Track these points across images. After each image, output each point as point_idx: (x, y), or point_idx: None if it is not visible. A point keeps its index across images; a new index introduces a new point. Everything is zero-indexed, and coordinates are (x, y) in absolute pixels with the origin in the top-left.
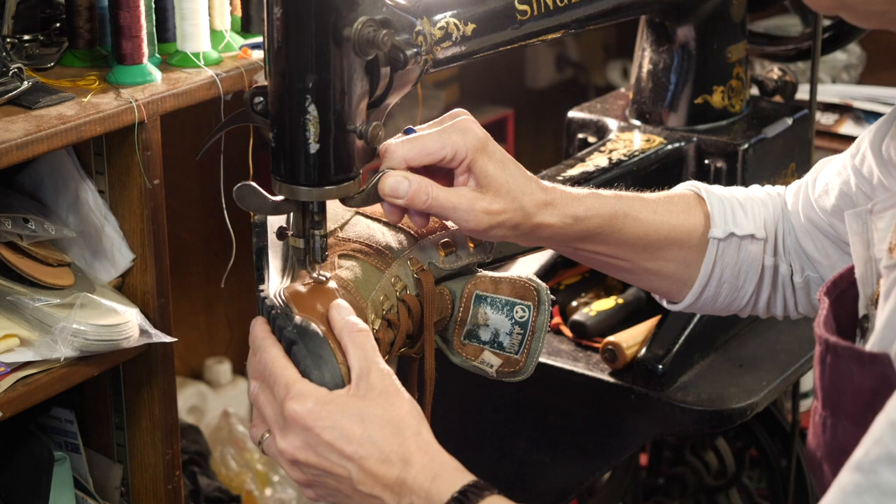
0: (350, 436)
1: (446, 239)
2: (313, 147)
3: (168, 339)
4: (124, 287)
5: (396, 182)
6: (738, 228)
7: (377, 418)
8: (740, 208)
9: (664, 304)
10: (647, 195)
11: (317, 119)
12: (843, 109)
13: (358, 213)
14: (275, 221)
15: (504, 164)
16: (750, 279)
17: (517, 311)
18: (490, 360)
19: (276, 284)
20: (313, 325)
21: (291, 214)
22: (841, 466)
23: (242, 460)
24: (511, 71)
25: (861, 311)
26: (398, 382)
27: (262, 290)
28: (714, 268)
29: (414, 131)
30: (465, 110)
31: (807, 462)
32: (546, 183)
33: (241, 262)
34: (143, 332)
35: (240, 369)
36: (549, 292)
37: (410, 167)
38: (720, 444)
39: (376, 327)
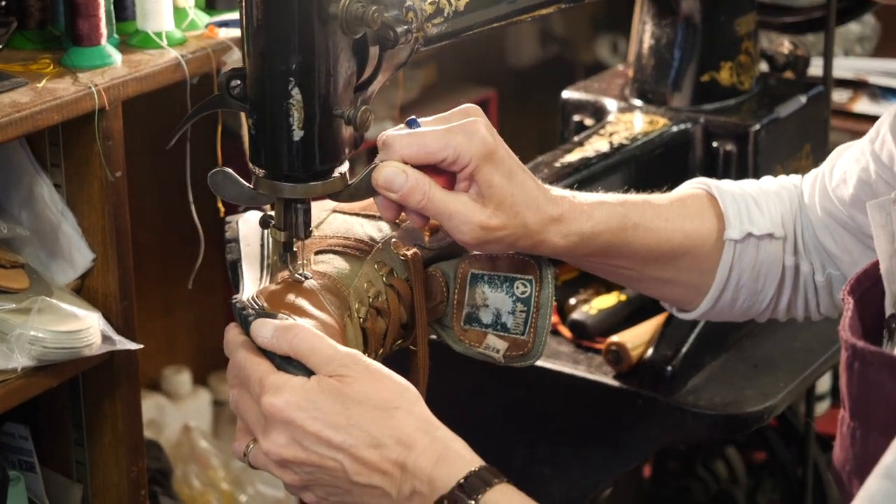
0: (336, 424)
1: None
2: (297, 134)
3: (133, 345)
4: (83, 289)
5: (393, 174)
6: (755, 227)
7: (361, 402)
8: (755, 205)
9: (674, 312)
10: (657, 199)
11: (301, 104)
12: (857, 85)
13: (335, 210)
14: (248, 234)
15: (512, 175)
16: (770, 281)
17: (518, 287)
18: (495, 345)
19: (250, 292)
20: (283, 316)
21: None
22: None
23: (206, 479)
24: (492, 48)
25: (888, 310)
26: (373, 361)
27: (235, 298)
28: (731, 272)
29: (417, 124)
30: (478, 108)
31: (833, 476)
32: (556, 192)
33: (203, 262)
34: (105, 338)
35: (201, 379)
36: (550, 265)
37: (408, 164)
38: (730, 453)
39: (361, 316)
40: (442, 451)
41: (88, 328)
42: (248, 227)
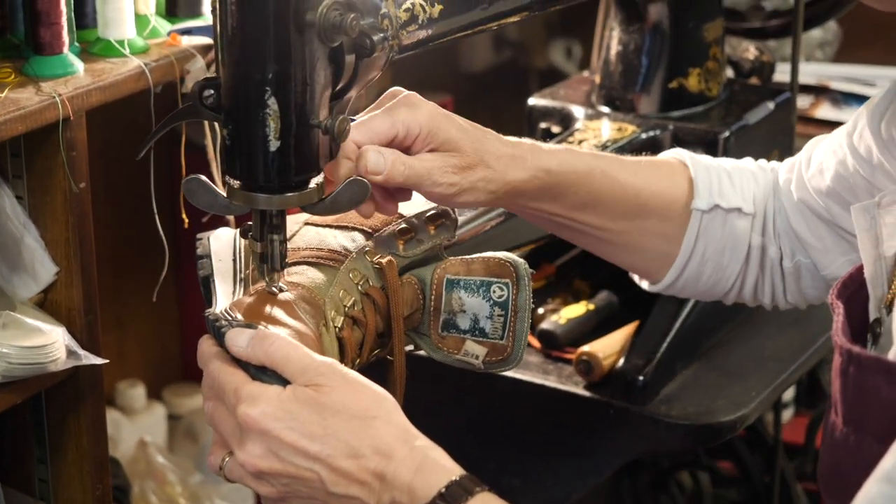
0: (313, 434)
1: (404, 226)
2: (273, 144)
3: (98, 360)
4: (46, 303)
5: (377, 157)
6: (723, 200)
7: (338, 412)
8: (728, 179)
9: (644, 285)
10: (628, 157)
11: (277, 113)
12: (818, 91)
13: (307, 223)
14: (219, 250)
15: (462, 127)
16: (735, 258)
17: (494, 291)
18: (474, 351)
19: (223, 305)
20: (258, 326)
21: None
22: None
23: (164, 495)
24: (447, 54)
25: (872, 315)
26: (350, 370)
27: (208, 311)
28: (697, 242)
29: (354, 120)
30: (402, 88)
31: (822, 483)
32: (512, 138)
33: (157, 274)
34: (70, 353)
35: (155, 393)
36: (527, 267)
37: None
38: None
39: (338, 325)
40: (421, 461)
41: (53, 343)
42: (219, 243)
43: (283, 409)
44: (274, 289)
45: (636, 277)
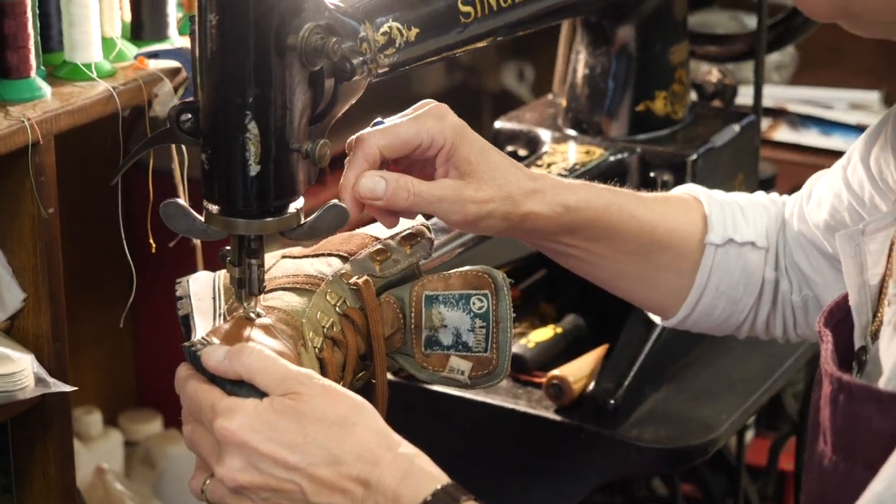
0: (292, 443)
1: (379, 247)
2: (254, 169)
3: (67, 388)
4: (13, 330)
5: (373, 182)
6: (737, 235)
7: (317, 420)
8: (741, 213)
9: (657, 320)
10: (643, 193)
11: (258, 138)
12: (776, 113)
13: (284, 256)
14: (199, 291)
15: (485, 151)
16: (749, 292)
17: (474, 303)
18: (459, 366)
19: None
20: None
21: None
22: None
23: None
24: (399, 76)
25: (857, 343)
26: (328, 381)
27: (186, 343)
28: (710, 277)
29: (383, 123)
30: (433, 101)
31: None
32: (534, 170)
33: (113, 300)
34: (39, 380)
35: (111, 420)
36: (505, 277)
37: (385, 158)
38: (656, 484)
39: (317, 345)
40: (407, 468)
41: (22, 371)
42: (198, 284)
43: (260, 420)
44: (251, 314)
45: (648, 312)
